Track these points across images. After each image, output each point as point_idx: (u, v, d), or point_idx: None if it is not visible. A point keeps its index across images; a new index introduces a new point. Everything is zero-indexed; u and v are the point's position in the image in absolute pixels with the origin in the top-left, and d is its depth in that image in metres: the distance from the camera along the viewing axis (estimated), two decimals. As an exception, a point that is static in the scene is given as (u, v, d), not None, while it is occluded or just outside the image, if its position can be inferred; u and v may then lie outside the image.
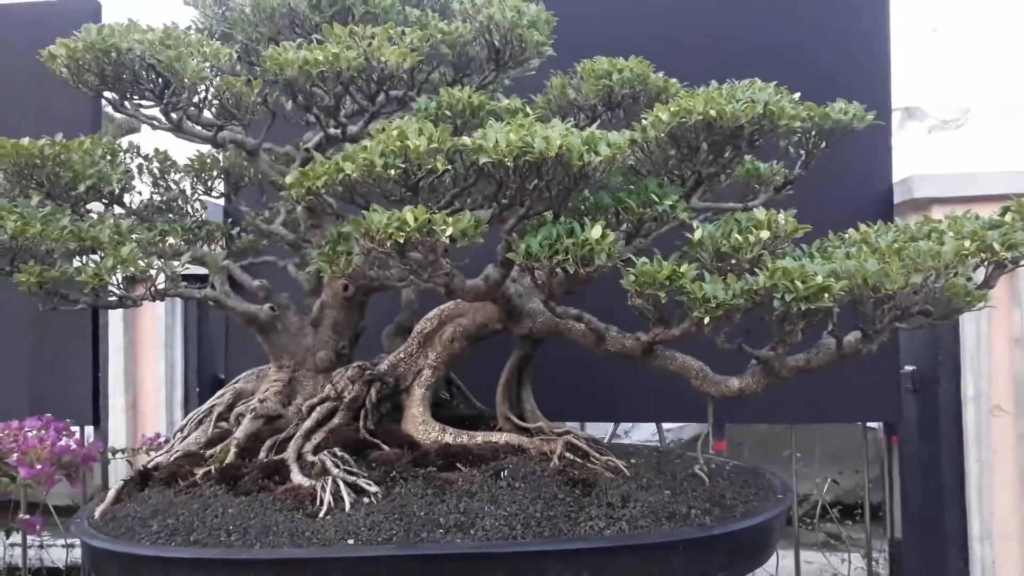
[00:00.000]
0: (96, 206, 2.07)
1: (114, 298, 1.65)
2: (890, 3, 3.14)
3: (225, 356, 3.40)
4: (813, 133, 1.90)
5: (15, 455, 2.38)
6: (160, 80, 1.64)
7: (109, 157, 2.06)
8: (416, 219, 1.47)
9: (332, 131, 1.87)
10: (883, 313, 1.61)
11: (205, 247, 2.10)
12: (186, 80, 1.59)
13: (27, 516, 2.67)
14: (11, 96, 3.32)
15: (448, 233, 1.49)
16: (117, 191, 1.86)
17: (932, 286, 1.54)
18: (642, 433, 4.75)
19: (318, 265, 1.65)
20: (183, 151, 2.40)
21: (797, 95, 1.80)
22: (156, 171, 2.30)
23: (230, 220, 2.61)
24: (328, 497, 1.78)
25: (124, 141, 2.23)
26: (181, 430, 2.29)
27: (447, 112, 1.73)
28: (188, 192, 2.35)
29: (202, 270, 2.23)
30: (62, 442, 2.58)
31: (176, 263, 1.66)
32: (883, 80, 3.08)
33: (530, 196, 1.59)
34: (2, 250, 1.58)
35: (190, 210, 2.25)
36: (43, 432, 2.72)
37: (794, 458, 3.47)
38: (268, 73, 1.69)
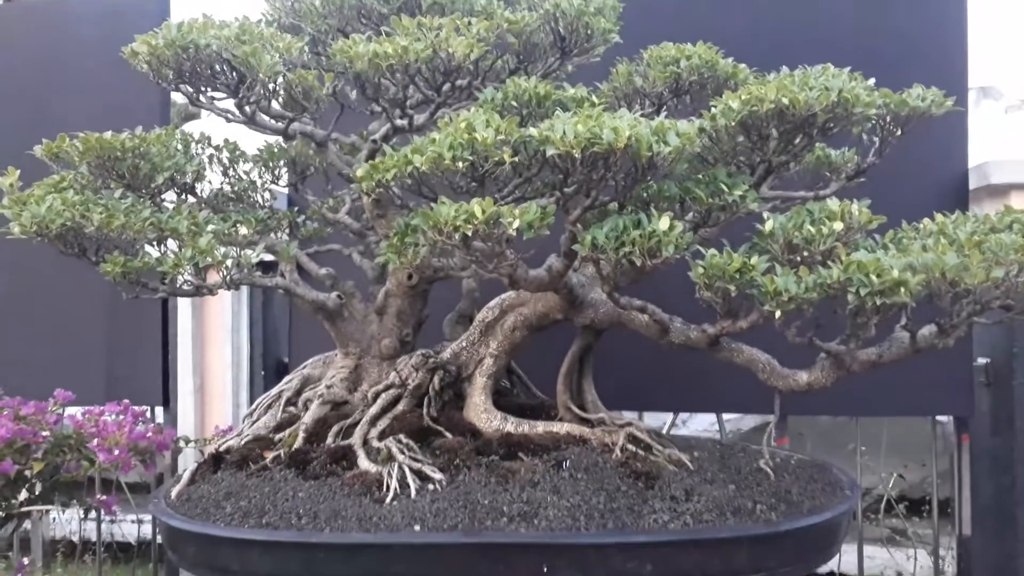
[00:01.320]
0: (169, 195, 2.14)
1: (190, 287, 1.71)
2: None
3: (289, 340, 3.48)
4: (888, 120, 1.84)
5: (95, 440, 2.47)
6: (235, 74, 1.68)
7: (182, 148, 2.13)
8: (484, 211, 1.47)
9: (399, 122, 1.89)
10: (961, 307, 1.56)
11: (275, 236, 2.15)
12: (260, 75, 1.63)
13: (103, 496, 2.78)
14: (85, 86, 3.43)
15: (515, 226, 1.49)
16: (190, 181, 1.91)
17: (1014, 280, 1.48)
18: (700, 423, 4.69)
19: (387, 256, 1.67)
20: (251, 141, 2.45)
21: (872, 81, 1.74)
22: (226, 161, 2.36)
23: (296, 208, 2.67)
24: (394, 483, 1.82)
25: (196, 132, 2.30)
26: (251, 414, 2.35)
27: (513, 103, 1.73)
28: (256, 182, 2.41)
29: (268, 256, 2.29)
30: (139, 428, 2.67)
31: (250, 252, 1.70)
32: (959, 60, 2.95)
33: (596, 187, 1.58)
34: (88, 241, 1.64)
35: (259, 199, 2.30)
36: (121, 417, 2.83)
37: (859, 451, 3.39)
38: (338, 66, 1.71)
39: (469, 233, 1.48)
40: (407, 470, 1.85)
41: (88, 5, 3.76)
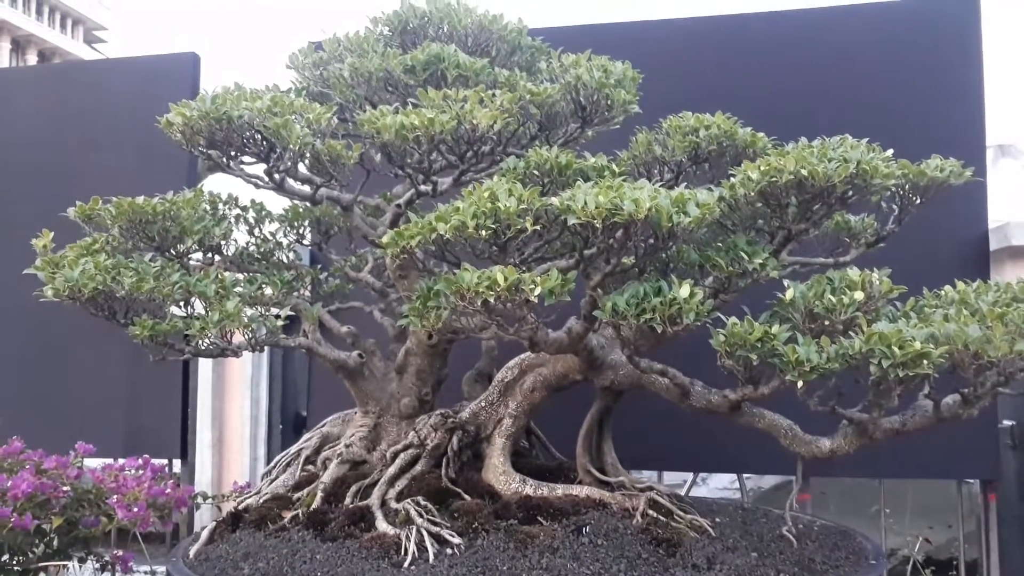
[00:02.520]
0: (197, 254, 2.19)
1: (215, 348, 1.73)
2: (983, 38, 3.03)
3: (308, 394, 3.50)
4: (907, 188, 1.85)
5: (115, 496, 2.48)
6: (266, 143, 1.73)
7: (210, 209, 2.18)
8: (506, 279, 1.50)
9: (423, 187, 1.93)
10: (985, 378, 1.55)
11: (298, 296, 2.18)
12: (291, 145, 1.68)
13: (120, 552, 2.78)
14: (117, 145, 3.52)
15: (536, 292, 1.51)
16: (218, 243, 1.96)
17: (1039, 352, 1.48)
18: (720, 480, 4.63)
19: (410, 320, 1.69)
20: (276, 201, 2.51)
21: (890, 152, 1.76)
22: (252, 220, 2.41)
23: (318, 266, 2.71)
24: (412, 547, 1.81)
25: (223, 191, 2.35)
26: (269, 472, 2.36)
27: (535, 172, 1.76)
28: (282, 241, 2.45)
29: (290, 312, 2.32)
30: (158, 484, 2.68)
31: (275, 314, 1.73)
32: (977, 121, 2.97)
33: (616, 254, 1.60)
34: (118, 303, 1.68)
35: (284, 259, 2.34)
36: (141, 472, 2.83)
37: (883, 514, 3.32)
38: (365, 135, 1.76)
39: (491, 299, 1.49)
40: (425, 534, 1.84)
41: (121, 66, 3.89)
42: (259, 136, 1.72)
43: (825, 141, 1.76)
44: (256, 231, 2.41)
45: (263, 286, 1.83)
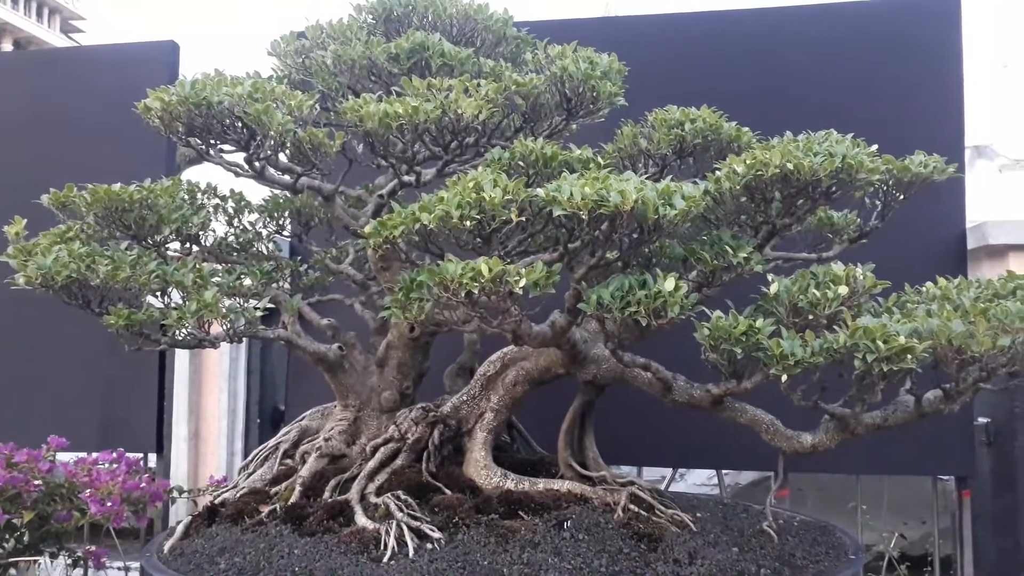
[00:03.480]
0: (174, 243, 2.15)
1: (192, 339, 1.70)
2: (963, 41, 3.06)
3: (286, 388, 3.46)
4: (891, 184, 1.86)
5: (88, 491, 2.43)
6: (246, 130, 1.70)
7: (188, 199, 2.14)
8: (490, 270, 1.48)
9: (407, 178, 1.91)
10: (967, 374, 1.56)
11: (278, 287, 2.15)
12: (271, 132, 1.65)
13: (92, 547, 2.73)
14: (94, 133, 3.46)
15: (521, 284, 1.49)
16: (195, 232, 1.92)
17: (1021, 348, 1.48)
18: (698, 476, 4.65)
19: (392, 312, 1.67)
20: (256, 191, 2.47)
21: (875, 147, 1.77)
22: (231, 211, 2.37)
23: (298, 257, 2.67)
24: (392, 541, 1.78)
25: (202, 181, 2.31)
26: (246, 466, 2.32)
27: (520, 163, 1.75)
28: (262, 232, 2.41)
29: (269, 305, 2.29)
30: (133, 479, 2.64)
31: (254, 305, 1.70)
32: (956, 121, 3.00)
33: (602, 246, 1.59)
34: (92, 292, 1.64)
35: (264, 250, 2.31)
36: (115, 467, 2.78)
37: (860, 510, 3.35)
38: (348, 123, 1.73)
39: (475, 291, 1.47)
40: (405, 528, 1.81)
41: (99, 53, 3.82)
42: (239, 123, 1.68)
43: (811, 136, 1.76)
44: (235, 221, 2.37)
45: (242, 276, 1.79)
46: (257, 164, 1.78)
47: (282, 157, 2.01)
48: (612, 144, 2.08)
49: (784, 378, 1.49)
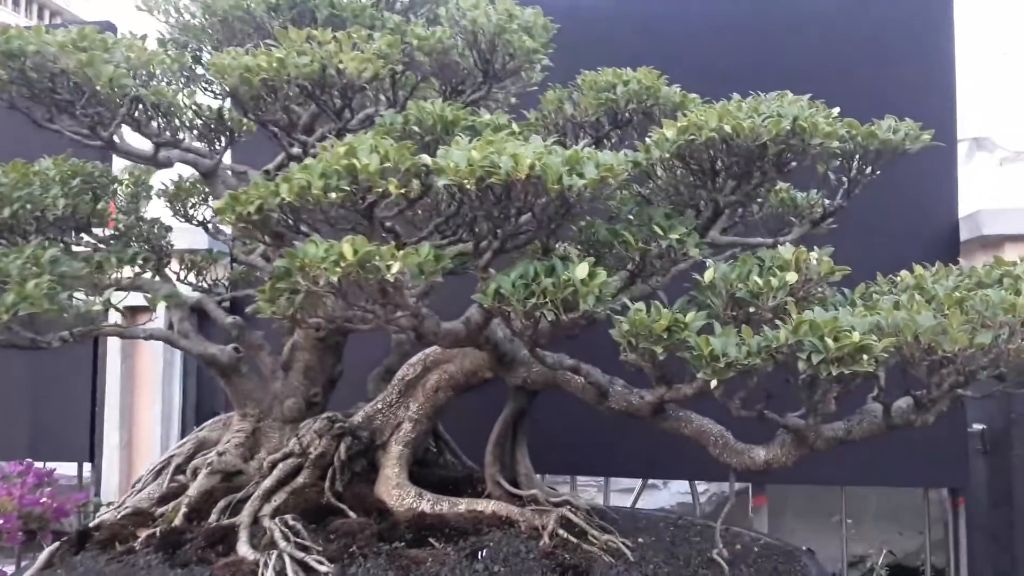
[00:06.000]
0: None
1: (21, 339, 1.43)
2: (955, 25, 2.82)
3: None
4: (857, 156, 1.58)
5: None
6: (78, 90, 1.43)
7: (69, 181, 1.87)
8: (355, 252, 1.21)
9: (294, 150, 1.64)
10: (940, 378, 1.28)
11: (149, 276, 1.87)
12: (99, 87, 1.38)
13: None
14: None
15: (394, 269, 1.22)
16: (53, 217, 1.64)
17: (1005, 346, 1.21)
18: (681, 485, 4.37)
19: (259, 307, 1.40)
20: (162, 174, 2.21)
21: (836, 110, 1.49)
22: (127, 196, 2.11)
23: (214, 249, 2.40)
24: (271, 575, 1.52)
25: (116, 167, 2.06)
26: (137, 482, 2.06)
27: (415, 128, 1.47)
28: (163, 219, 2.15)
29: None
30: (34, 494, 2.40)
31: (97, 301, 1.43)
32: (948, 104, 2.74)
33: (501, 225, 1.32)
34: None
35: (148, 234, 2.03)
36: (21, 479, 2.55)
37: (844, 524, 3.07)
38: (214, 82, 1.47)
39: (335, 279, 1.21)
40: (287, 560, 1.55)
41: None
42: (71, 81, 1.42)
43: (760, 96, 1.49)
44: (131, 207, 2.11)
45: (100, 265, 1.53)
46: (104, 133, 1.51)
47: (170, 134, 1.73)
48: (535, 111, 1.81)
49: (714, 383, 1.21)
